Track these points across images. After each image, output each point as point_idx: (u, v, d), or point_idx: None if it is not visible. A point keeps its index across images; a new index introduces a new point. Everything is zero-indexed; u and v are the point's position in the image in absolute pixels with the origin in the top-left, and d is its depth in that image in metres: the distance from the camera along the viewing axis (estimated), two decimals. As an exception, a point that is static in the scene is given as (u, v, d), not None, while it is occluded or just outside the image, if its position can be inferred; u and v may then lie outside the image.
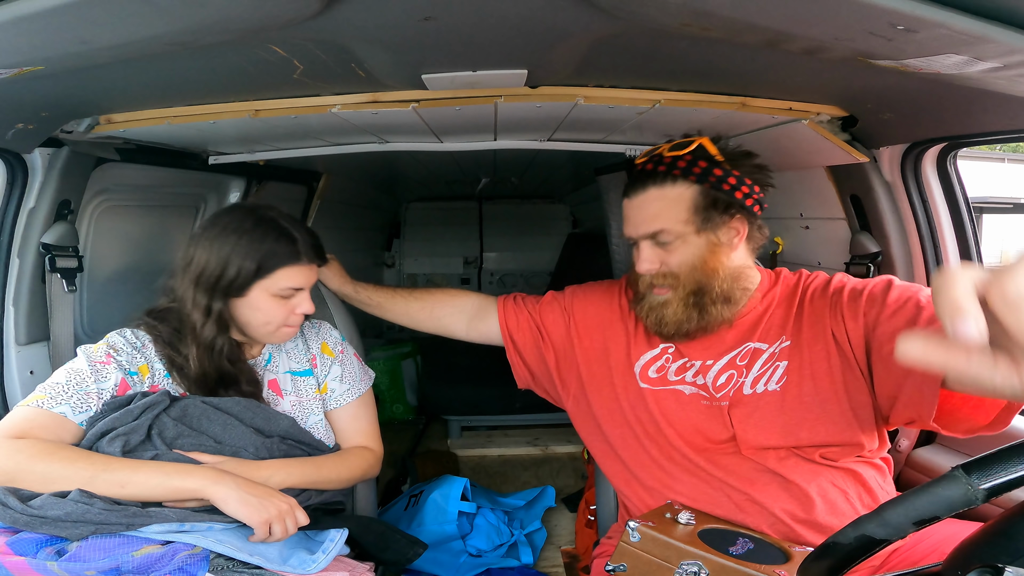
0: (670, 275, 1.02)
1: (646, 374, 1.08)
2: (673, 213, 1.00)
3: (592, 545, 1.24)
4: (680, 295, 1.02)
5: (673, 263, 1.02)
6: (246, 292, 1.03)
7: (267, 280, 1.03)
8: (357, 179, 3.14)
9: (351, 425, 1.18)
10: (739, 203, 1.01)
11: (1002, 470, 0.52)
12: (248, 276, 1.01)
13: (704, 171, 1.00)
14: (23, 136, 1.12)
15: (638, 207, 1.04)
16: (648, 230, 1.02)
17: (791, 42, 0.73)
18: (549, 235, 4.84)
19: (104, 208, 1.48)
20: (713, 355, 1.05)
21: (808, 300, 1.03)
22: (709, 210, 1.00)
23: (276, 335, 1.08)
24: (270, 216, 1.05)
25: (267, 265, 1.02)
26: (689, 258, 1.01)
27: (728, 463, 0.99)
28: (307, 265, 1.06)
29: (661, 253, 1.02)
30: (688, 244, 1.01)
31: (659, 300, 1.04)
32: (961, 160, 1.21)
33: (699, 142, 1.01)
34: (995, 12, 0.58)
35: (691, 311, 1.01)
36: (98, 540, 0.81)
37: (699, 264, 1.00)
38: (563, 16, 0.74)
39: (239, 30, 0.75)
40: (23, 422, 0.89)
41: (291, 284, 1.04)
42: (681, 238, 1.00)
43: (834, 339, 0.97)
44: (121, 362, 0.99)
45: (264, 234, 1.03)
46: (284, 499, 0.92)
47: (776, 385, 0.99)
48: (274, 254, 1.02)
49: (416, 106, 1.15)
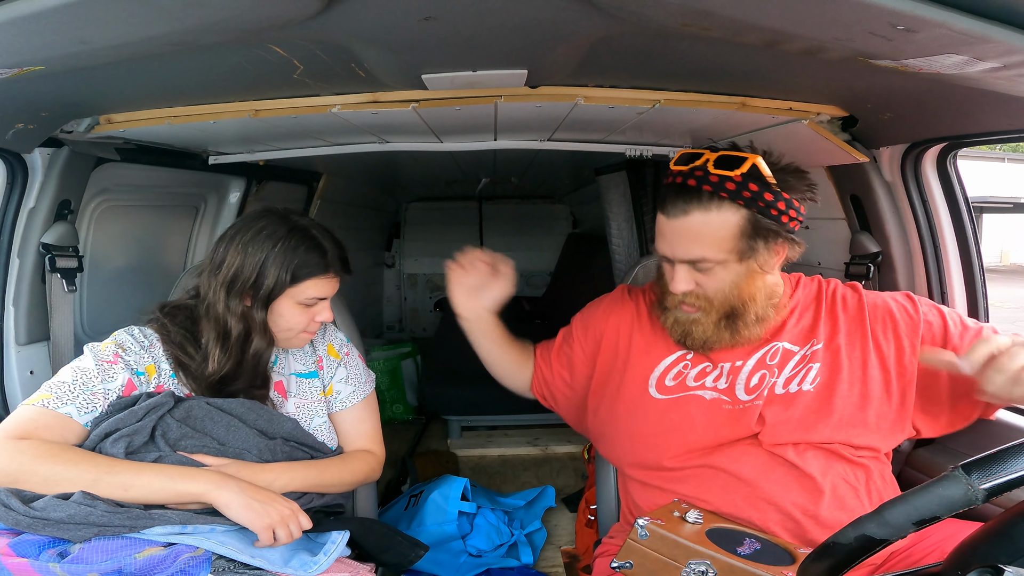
0: (703, 297, 0.99)
1: (663, 384, 1.07)
2: (716, 241, 0.94)
3: (592, 545, 1.24)
4: (712, 318, 1.00)
5: (709, 288, 0.98)
6: (276, 300, 1.04)
7: (295, 289, 1.04)
8: (357, 179, 3.14)
9: (355, 428, 1.18)
10: (785, 228, 0.96)
11: (1002, 470, 0.52)
12: (283, 285, 1.03)
13: (754, 195, 0.92)
14: (23, 136, 1.12)
15: (678, 230, 0.96)
16: (687, 257, 0.97)
17: (791, 42, 0.73)
18: (549, 235, 4.84)
19: (104, 208, 1.48)
20: (741, 356, 1.04)
21: (841, 308, 1.04)
22: (754, 238, 0.95)
23: (294, 340, 1.10)
24: (303, 225, 1.06)
25: (298, 275, 1.03)
26: (727, 285, 0.97)
27: (742, 456, 0.99)
28: (334, 277, 1.08)
29: (698, 276, 0.98)
30: (728, 271, 0.97)
31: (688, 318, 1.02)
32: (961, 160, 1.21)
33: (752, 161, 0.92)
34: (995, 12, 0.58)
35: (722, 332, 1.00)
36: (101, 542, 0.81)
37: (736, 291, 0.98)
38: (563, 16, 0.74)
39: (239, 30, 0.75)
40: (27, 422, 0.89)
41: (317, 294, 1.06)
42: (722, 264, 0.96)
43: (876, 352, 1.00)
44: (129, 362, 0.99)
45: (297, 244, 1.03)
46: (286, 504, 0.92)
47: (810, 386, 1.00)
48: (306, 264, 1.03)
49: (416, 106, 1.15)
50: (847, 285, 1.09)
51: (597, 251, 3.37)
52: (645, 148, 1.65)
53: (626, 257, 2.59)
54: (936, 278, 1.22)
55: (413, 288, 4.98)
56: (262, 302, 1.03)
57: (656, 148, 1.66)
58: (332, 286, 1.08)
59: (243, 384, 1.04)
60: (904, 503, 0.55)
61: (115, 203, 1.52)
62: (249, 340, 1.03)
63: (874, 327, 1.02)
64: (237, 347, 1.03)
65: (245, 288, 1.02)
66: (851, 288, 1.08)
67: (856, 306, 1.04)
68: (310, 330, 1.09)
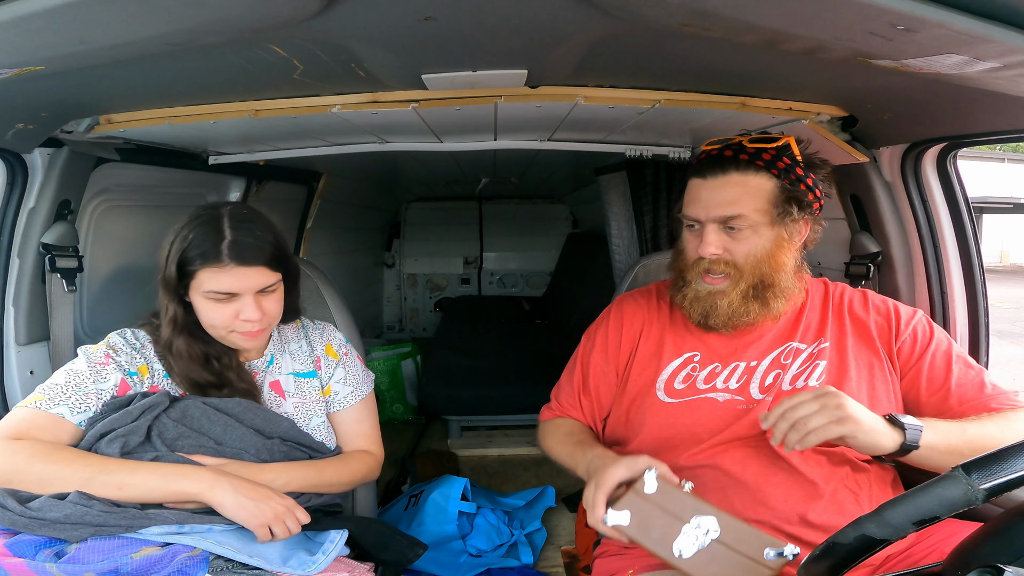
0: (732, 264, 1.01)
1: (672, 387, 1.07)
2: (752, 201, 0.99)
3: (592, 545, 1.24)
4: (740, 287, 1.01)
5: (739, 253, 1.01)
6: (187, 293, 0.99)
7: (195, 281, 0.97)
8: (357, 179, 3.14)
9: (353, 428, 1.18)
10: (810, 204, 1.02)
11: (1002, 470, 0.52)
12: (172, 276, 0.97)
13: (787, 167, 1.00)
14: (23, 136, 1.12)
15: (715, 188, 1.00)
16: (723, 213, 1.00)
17: (791, 42, 0.73)
18: (549, 235, 4.84)
19: (104, 208, 1.48)
20: (756, 355, 1.04)
21: (848, 312, 1.06)
22: (786, 205, 1.00)
23: (229, 339, 1.02)
24: (215, 213, 0.98)
25: (186, 265, 0.96)
26: (757, 250, 1.00)
27: (746, 459, 0.98)
28: (233, 267, 0.95)
29: (727, 240, 1.01)
30: (759, 235, 1.00)
31: (711, 289, 1.02)
32: (961, 160, 1.21)
33: (786, 139, 1.01)
34: (995, 12, 0.58)
35: (751, 304, 1.01)
36: (97, 542, 0.81)
37: (766, 257, 1.00)
38: (563, 16, 0.74)
39: (239, 30, 0.75)
40: (21, 423, 0.89)
41: (215, 287, 0.95)
42: (753, 228, 1.00)
43: (884, 357, 1.01)
44: (120, 362, 0.99)
45: (191, 231, 0.97)
46: (281, 500, 0.92)
47: (816, 382, 1.00)
48: (195, 254, 0.95)
49: (416, 106, 1.15)
50: (857, 290, 1.10)
51: (597, 251, 3.37)
52: (645, 148, 1.65)
53: (626, 257, 2.59)
54: (936, 278, 1.22)
55: (413, 288, 4.99)
56: (171, 295, 0.99)
57: (656, 148, 1.66)
58: (237, 278, 0.96)
59: (208, 385, 1.03)
60: (904, 503, 0.55)
61: (115, 203, 1.51)
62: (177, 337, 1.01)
63: (879, 333, 1.03)
64: (167, 345, 1.01)
65: (163, 284, 1.00)
66: (860, 293, 1.09)
67: (863, 310, 1.06)
68: (239, 329, 0.99)
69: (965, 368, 0.98)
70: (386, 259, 4.93)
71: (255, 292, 0.98)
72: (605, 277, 2.98)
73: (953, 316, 1.22)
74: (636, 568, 1.00)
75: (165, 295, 1.01)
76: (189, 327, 1.02)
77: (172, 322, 1.01)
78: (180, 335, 1.01)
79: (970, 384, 0.97)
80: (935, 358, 0.99)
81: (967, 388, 0.96)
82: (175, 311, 1.00)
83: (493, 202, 4.89)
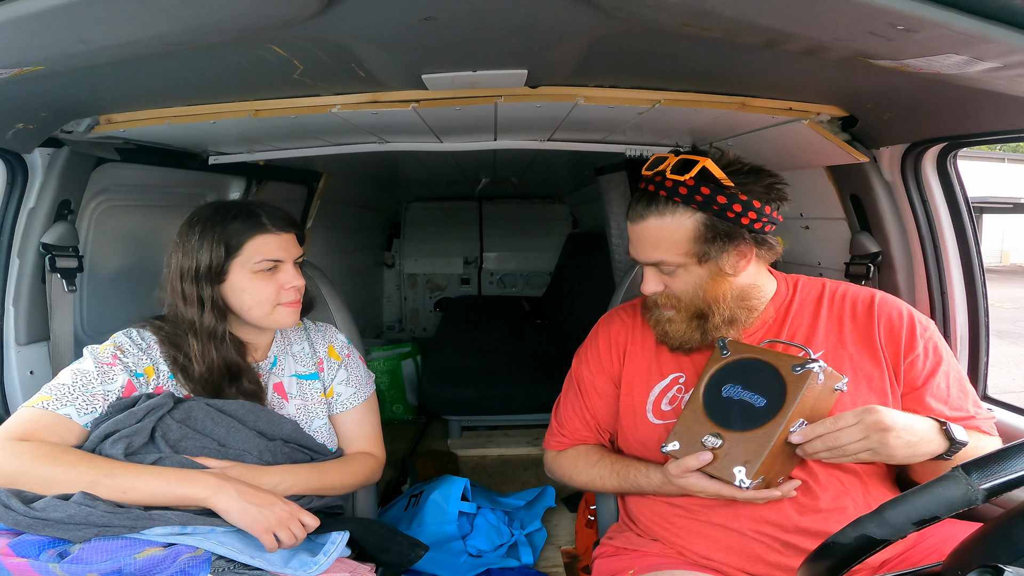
0: (673, 297, 1.01)
1: (659, 408, 1.07)
2: (672, 246, 0.96)
3: (592, 545, 1.24)
4: (684, 316, 1.01)
5: (677, 288, 1.00)
6: (226, 275, 1.02)
7: (240, 257, 1.02)
8: (357, 179, 3.14)
9: (355, 430, 1.18)
10: (746, 228, 0.95)
11: (1002, 470, 0.52)
12: (219, 258, 1.01)
13: (707, 199, 0.93)
14: (23, 136, 1.12)
15: (638, 233, 1.00)
16: (648, 259, 1.00)
17: (791, 42, 0.73)
18: (549, 235, 4.84)
19: (104, 208, 1.48)
20: None
21: (849, 315, 1.02)
22: (711, 241, 0.95)
23: (274, 317, 1.06)
24: (232, 202, 1.06)
25: (234, 242, 1.01)
26: (690, 287, 0.99)
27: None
28: (276, 233, 1.04)
29: (664, 278, 1.01)
30: (690, 273, 0.98)
31: (665, 316, 1.04)
32: (961, 160, 1.21)
33: (702, 164, 0.93)
34: (995, 12, 0.58)
35: (694, 332, 1.01)
36: (100, 542, 0.81)
37: (701, 292, 0.99)
38: (563, 16, 0.74)
39: (239, 30, 0.75)
40: (27, 423, 0.89)
41: (266, 255, 1.03)
42: (683, 267, 0.98)
43: (888, 368, 0.98)
44: (128, 363, 0.99)
45: (224, 216, 1.03)
46: (285, 505, 0.92)
47: None
48: (238, 230, 1.02)
49: (416, 106, 1.15)
50: (864, 291, 1.06)
51: (597, 251, 3.37)
52: (645, 148, 1.65)
53: (626, 257, 2.58)
54: (936, 278, 1.22)
55: (413, 288, 4.99)
56: (206, 281, 1.02)
57: (656, 148, 1.66)
58: (282, 244, 1.05)
59: (234, 376, 1.04)
60: (904, 503, 0.55)
61: (115, 203, 1.51)
62: (219, 323, 1.03)
63: (887, 343, 0.99)
64: (211, 331, 1.02)
65: (192, 277, 1.02)
66: (867, 296, 1.04)
67: (866, 316, 1.01)
68: (285, 300, 1.06)
69: (960, 394, 0.97)
70: (386, 259, 4.93)
71: (292, 261, 1.06)
72: (605, 277, 2.98)
73: (953, 316, 1.22)
74: (636, 568, 1.00)
75: (198, 287, 1.01)
76: (218, 335, 1.03)
77: (214, 309, 1.02)
78: (223, 321, 1.03)
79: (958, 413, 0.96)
80: (939, 383, 0.97)
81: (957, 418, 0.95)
82: (214, 296, 1.02)
83: (493, 202, 4.89)
